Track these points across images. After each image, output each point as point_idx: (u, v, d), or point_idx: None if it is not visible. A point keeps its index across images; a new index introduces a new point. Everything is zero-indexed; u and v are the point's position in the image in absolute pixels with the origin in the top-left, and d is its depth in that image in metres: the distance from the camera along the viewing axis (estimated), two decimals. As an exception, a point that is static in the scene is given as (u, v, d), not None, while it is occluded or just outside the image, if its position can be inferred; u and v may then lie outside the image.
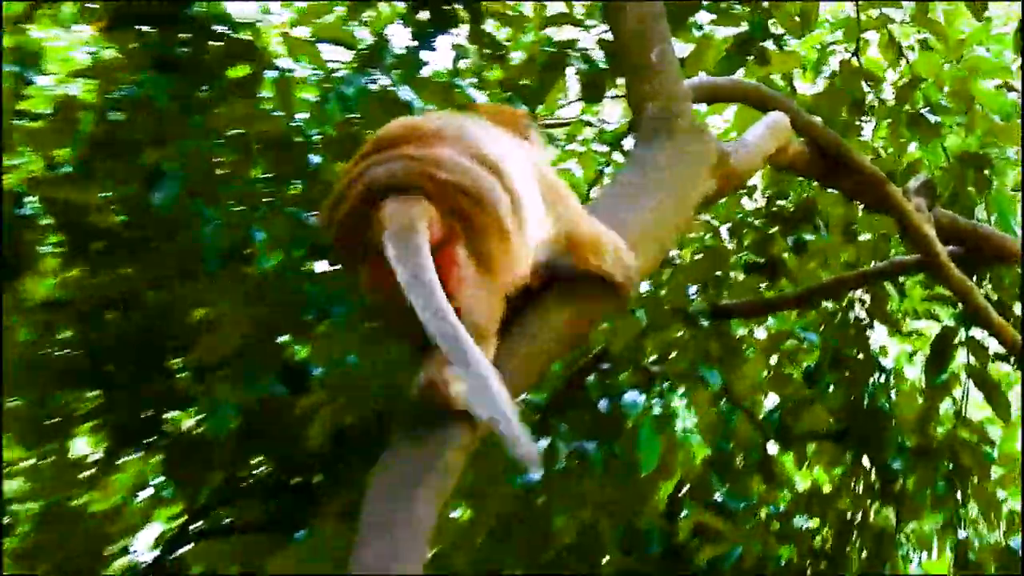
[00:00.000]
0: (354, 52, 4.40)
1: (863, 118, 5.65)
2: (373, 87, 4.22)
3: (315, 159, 4.27)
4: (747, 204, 5.97)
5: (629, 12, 3.44)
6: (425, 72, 4.92)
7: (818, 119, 4.64)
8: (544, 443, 4.67)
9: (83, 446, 4.44)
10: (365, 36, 4.79)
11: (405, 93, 3.96)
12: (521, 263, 2.77)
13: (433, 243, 2.64)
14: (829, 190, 5.10)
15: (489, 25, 5.05)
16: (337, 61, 4.59)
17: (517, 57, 5.39)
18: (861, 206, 5.20)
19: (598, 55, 4.95)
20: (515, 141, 2.93)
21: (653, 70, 3.42)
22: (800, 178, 5.31)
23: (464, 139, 2.77)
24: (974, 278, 4.97)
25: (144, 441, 3.95)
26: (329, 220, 2.80)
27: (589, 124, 6.15)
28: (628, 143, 5.05)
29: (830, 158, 4.28)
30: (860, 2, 6.04)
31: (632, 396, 4.90)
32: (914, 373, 5.96)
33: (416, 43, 4.47)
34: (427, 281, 2.55)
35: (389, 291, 2.63)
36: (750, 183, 5.61)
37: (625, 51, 3.44)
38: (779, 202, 5.61)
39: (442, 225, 2.67)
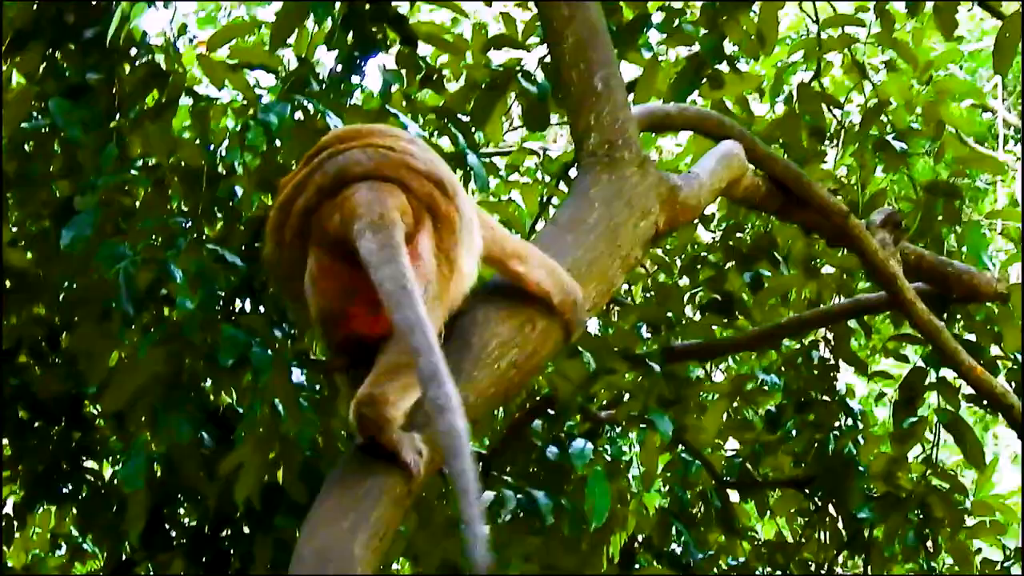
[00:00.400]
0: (277, 77, 4.57)
1: (825, 144, 5.88)
2: (298, 114, 4.38)
3: (238, 190, 4.43)
4: (704, 235, 6.20)
5: (569, 33, 3.64)
6: (356, 96, 5.13)
7: (775, 149, 4.89)
8: (489, 495, 4.81)
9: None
10: (291, 59, 4.97)
11: (333, 121, 4.12)
12: (472, 269, 3.01)
13: (409, 230, 2.83)
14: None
15: (425, 50, 5.26)
16: (261, 88, 4.75)
17: (457, 81, 5.61)
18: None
19: (543, 77, 5.16)
20: None
21: (596, 97, 3.60)
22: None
23: (415, 140, 3.04)
24: (944, 317, 5.19)
25: (60, 491, 4.04)
26: (281, 218, 2.93)
27: (533, 153, 6.34)
28: (574, 173, 5.26)
29: (787, 191, 4.49)
30: (824, 8, 6.32)
31: (580, 443, 5.06)
32: (883, 414, 6.19)
33: (342, 67, 4.64)
34: (411, 291, 2.69)
35: (342, 286, 2.82)
36: (707, 213, 5.84)
37: (566, 76, 3.63)
38: (737, 234, 5.83)
39: (413, 217, 2.87)
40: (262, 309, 4.34)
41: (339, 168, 2.90)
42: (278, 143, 4.30)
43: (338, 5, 4.69)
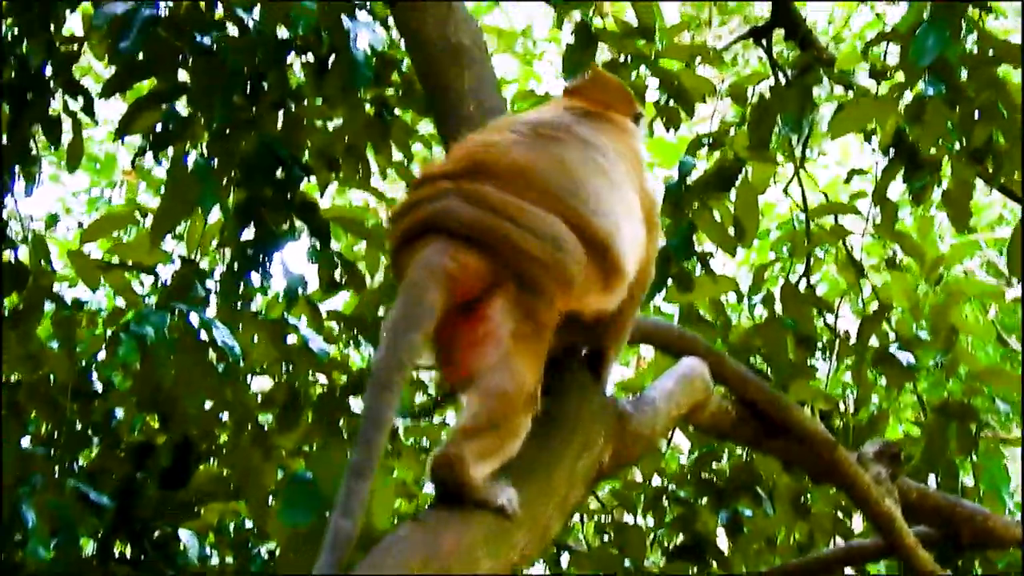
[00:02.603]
0: (157, 279, 4.74)
1: (815, 357, 6.07)
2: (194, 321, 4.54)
3: (118, 412, 4.56)
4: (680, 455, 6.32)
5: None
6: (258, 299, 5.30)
7: (756, 362, 5.06)
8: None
9: None
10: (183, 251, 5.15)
11: (220, 333, 4.27)
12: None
13: (461, 294, 3.27)
14: (772, 451, 5.47)
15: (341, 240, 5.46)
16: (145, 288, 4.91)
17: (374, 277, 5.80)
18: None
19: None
20: (620, 163, 3.60)
21: None
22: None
23: (556, 191, 3.40)
24: (959, 566, 5.31)
25: None
26: (392, 234, 3.40)
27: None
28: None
29: (764, 417, 4.64)
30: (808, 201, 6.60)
31: None
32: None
33: (239, 266, 4.81)
34: (387, 383, 3.09)
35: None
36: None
37: None
38: (712, 464, 5.96)
39: (482, 280, 3.30)
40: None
41: (428, 216, 3.34)
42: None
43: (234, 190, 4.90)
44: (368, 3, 5.02)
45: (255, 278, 4.97)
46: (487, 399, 3.28)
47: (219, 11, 4.73)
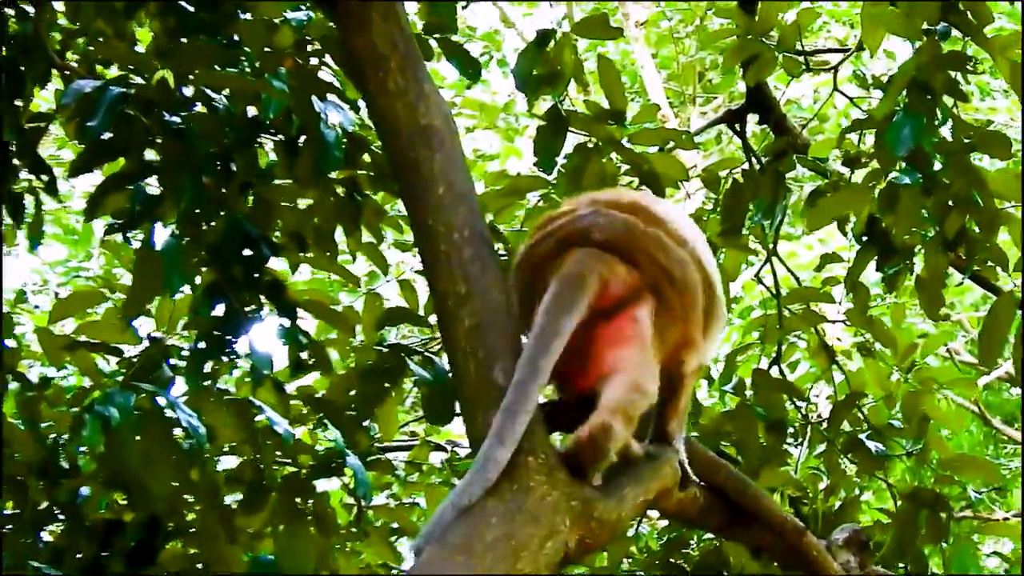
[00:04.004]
0: (122, 359, 4.77)
1: (787, 443, 6.13)
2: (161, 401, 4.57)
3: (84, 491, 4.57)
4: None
5: (465, 314, 3.82)
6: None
7: (727, 448, 5.09)
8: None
9: None
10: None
11: (183, 415, 4.30)
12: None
13: (608, 299, 3.65)
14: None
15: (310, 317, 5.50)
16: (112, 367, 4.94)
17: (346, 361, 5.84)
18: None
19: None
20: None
21: (496, 392, 3.69)
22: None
23: (674, 227, 3.86)
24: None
25: None
26: (526, 257, 3.82)
27: (439, 448, 6.54)
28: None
29: (732, 503, 4.68)
30: (788, 281, 6.67)
31: None
32: None
33: (207, 346, 4.85)
34: (550, 344, 3.50)
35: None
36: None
37: (460, 365, 3.80)
38: (681, 550, 5.99)
39: (628, 289, 3.68)
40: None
41: (583, 228, 3.75)
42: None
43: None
44: (338, 86, 5.07)
45: (222, 358, 5.00)
46: (630, 391, 3.66)
47: (189, 91, 4.78)
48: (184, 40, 4.85)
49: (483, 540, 3.54)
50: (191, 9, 4.88)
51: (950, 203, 5.61)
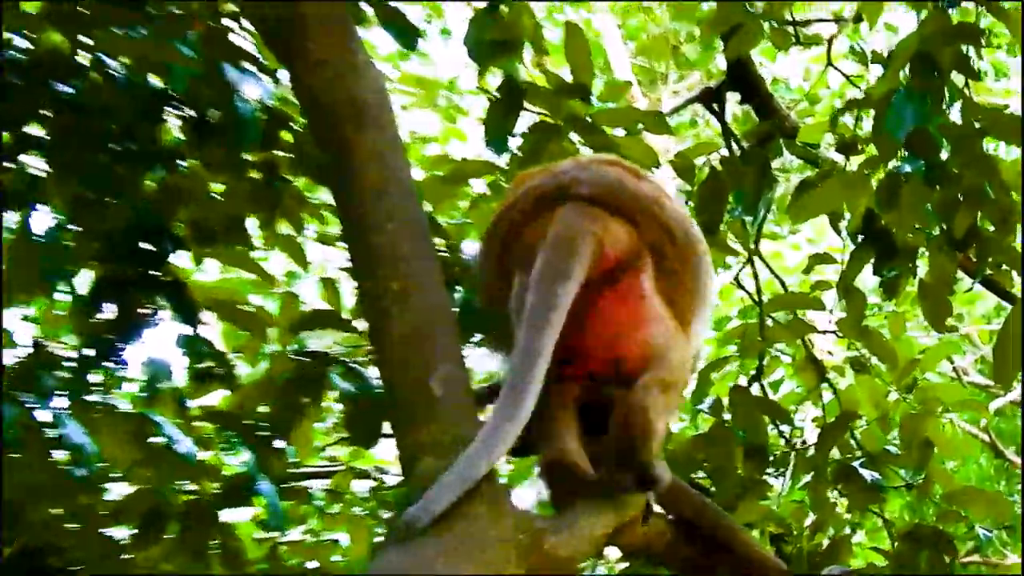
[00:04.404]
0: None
1: (769, 472, 6.20)
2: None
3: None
4: None
5: (396, 315, 3.93)
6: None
7: (699, 478, 5.17)
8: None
9: None
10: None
11: (72, 431, 4.34)
12: (699, 342, 4.02)
13: (608, 263, 3.70)
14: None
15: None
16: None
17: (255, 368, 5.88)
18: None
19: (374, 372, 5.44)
20: None
21: (433, 405, 3.85)
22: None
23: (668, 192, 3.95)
24: None
25: None
26: (500, 220, 3.89)
27: (364, 475, 6.58)
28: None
29: (703, 539, 4.76)
30: (770, 285, 6.75)
31: None
32: None
33: (96, 352, 4.88)
34: (551, 320, 3.58)
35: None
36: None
37: (391, 375, 3.90)
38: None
39: (628, 251, 3.75)
40: None
41: (564, 183, 3.85)
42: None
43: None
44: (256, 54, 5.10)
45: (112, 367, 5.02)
46: (655, 359, 3.86)
47: (84, 57, 4.80)
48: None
49: (419, 581, 3.61)
50: (87, -36, 4.90)
51: (959, 196, 5.68)
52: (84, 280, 5.00)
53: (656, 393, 3.87)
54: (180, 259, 5.26)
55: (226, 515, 5.25)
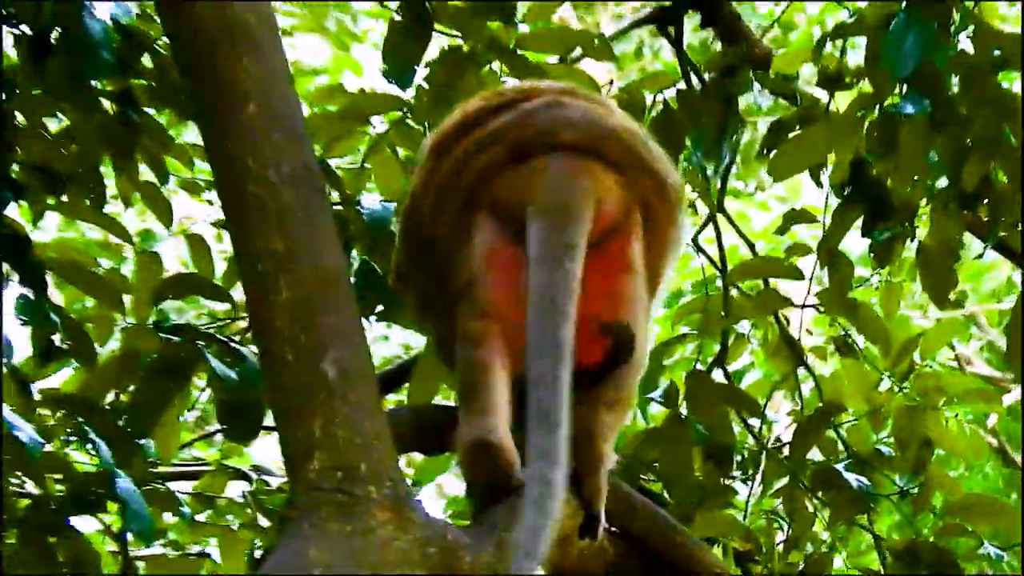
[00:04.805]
0: None
1: (734, 476, 6.20)
2: None
3: None
4: None
5: (283, 283, 3.88)
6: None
7: (649, 483, 5.17)
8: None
9: None
10: None
11: None
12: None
13: (603, 226, 3.75)
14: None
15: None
16: None
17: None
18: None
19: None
20: None
21: (326, 393, 3.79)
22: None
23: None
24: None
25: None
26: (451, 171, 3.94)
27: (241, 475, 6.55)
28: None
29: (653, 558, 4.75)
30: (733, 253, 6.74)
31: None
32: None
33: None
34: (565, 309, 3.56)
35: (506, 284, 3.75)
36: None
37: (275, 354, 3.86)
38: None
39: (622, 208, 3.80)
40: None
41: (546, 128, 3.84)
42: None
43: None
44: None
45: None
46: (629, 370, 3.97)
47: None
48: None
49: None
50: None
51: (969, 143, 5.66)
52: None
53: (610, 406, 3.91)
54: (15, 212, 5.23)
55: (75, 522, 5.21)
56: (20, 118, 5.24)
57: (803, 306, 6.45)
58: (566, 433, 3.49)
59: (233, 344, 5.42)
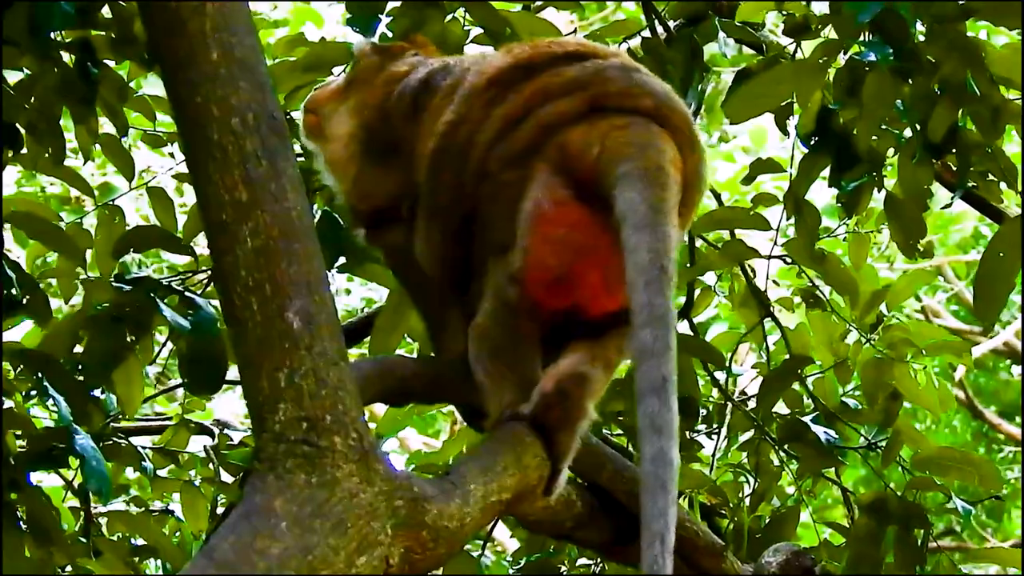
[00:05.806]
0: None
1: (698, 429, 6.22)
2: None
3: None
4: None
5: (247, 231, 3.88)
6: None
7: (612, 435, 5.20)
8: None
9: None
10: None
11: None
12: None
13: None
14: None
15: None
16: None
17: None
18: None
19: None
20: None
21: (289, 343, 3.78)
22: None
23: None
24: None
25: None
26: (506, 117, 4.04)
27: (203, 430, 6.56)
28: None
29: (620, 511, 4.75)
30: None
31: None
32: None
33: None
34: (669, 274, 3.69)
35: (578, 238, 3.87)
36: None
37: (235, 303, 3.85)
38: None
39: (681, 177, 3.98)
40: None
41: (625, 89, 3.98)
42: None
43: None
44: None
45: None
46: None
47: None
48: None
49: (266, 554, 3.58)
50: None
51: (936, 90, 5.65)
52: None
53: (607, 365, 4.09)
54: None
55: (35, 478, 5.20)
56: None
57: (769, 257, 6.44)
58: (676, 407, 3.61)
59: (193, 296, 5.41)
